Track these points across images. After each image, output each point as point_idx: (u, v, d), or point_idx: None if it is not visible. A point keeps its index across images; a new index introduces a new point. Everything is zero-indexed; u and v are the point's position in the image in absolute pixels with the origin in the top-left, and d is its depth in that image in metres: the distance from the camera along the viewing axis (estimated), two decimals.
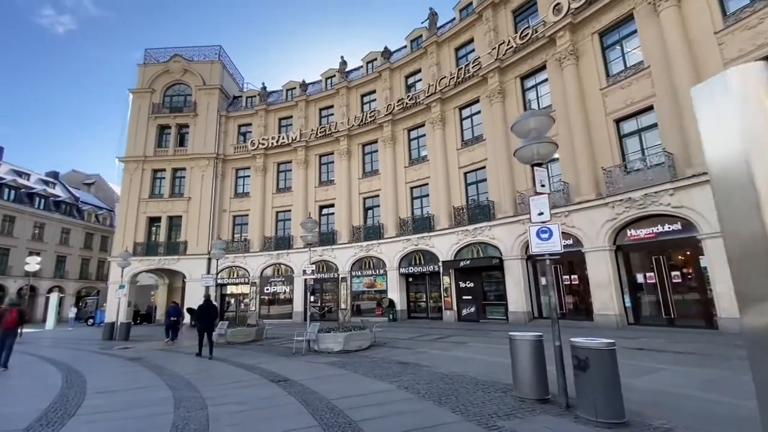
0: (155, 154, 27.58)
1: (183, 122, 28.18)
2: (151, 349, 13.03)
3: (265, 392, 6.29)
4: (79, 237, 46.22)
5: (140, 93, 28.64)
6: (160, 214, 26.73)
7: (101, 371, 8.88)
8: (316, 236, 12.50)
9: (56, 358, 10.91)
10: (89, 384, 7.15)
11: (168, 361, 10.24)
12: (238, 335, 14.33)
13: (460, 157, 19.68)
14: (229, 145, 28.03)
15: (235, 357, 10.41)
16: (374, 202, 23.62)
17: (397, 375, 7.27)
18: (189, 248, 25.78)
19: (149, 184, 27.29)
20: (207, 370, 8.71)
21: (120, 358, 10.93)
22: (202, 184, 26.74)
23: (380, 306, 21.62)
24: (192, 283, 25.24)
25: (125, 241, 25.90)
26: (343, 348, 10.76)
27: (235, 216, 27.06)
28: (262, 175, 26.70)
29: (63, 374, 8.21)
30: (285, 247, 24.98)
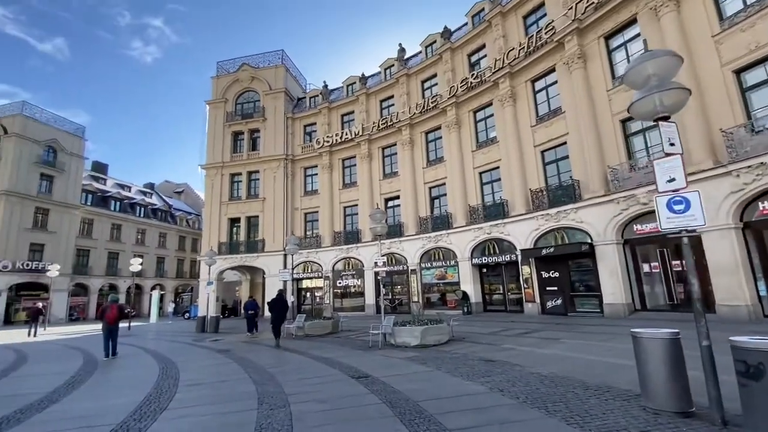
0: (231, 160, 29.50)
1: (254, 127, 29.75)
2: (237, 342, 13.70)
3: (347, 390, 5.93)
4: (173, 240, 51.72)
5: (215, 104, 30.80)
6: (240, 215, 28.57)
7: (193, 363, 9.34)
8: (385, 227, 12.07)
9: (156, 350, 11.89)
10: (182, 376, 7.44)
11: (252, 353, 10.55)
12: (316, 328, 14.52)
13: (535, 134, 17.92)
14: (297, 145, 28.97)
15: (313, 350, 10.40)
16: (440, 191, 22.69)
17: (486, 374, 6.49)
18: (266, 246, 27.19)
19: (228, 187, 29.29)
20: (287, 363, 8.71)
21: (210, 350, 11.54)
22: (275, 185, 28.00)
23: (453, 298, 20.73)
24: (270, 278, 26.59)
25: (211, 241, 28.12)
26: (421, 342, 10.20)
27: (306, 213, 27.94)
28: (328, 172, 27.17)
29: (160, 366, 8.75)
30: (354, 242, 25.16)
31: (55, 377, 7.70)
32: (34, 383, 7.29)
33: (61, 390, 6.51)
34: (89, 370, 8.62)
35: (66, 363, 9.81)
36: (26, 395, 6.19)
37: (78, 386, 6.86)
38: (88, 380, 7.44)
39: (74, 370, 8.53)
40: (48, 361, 10.32)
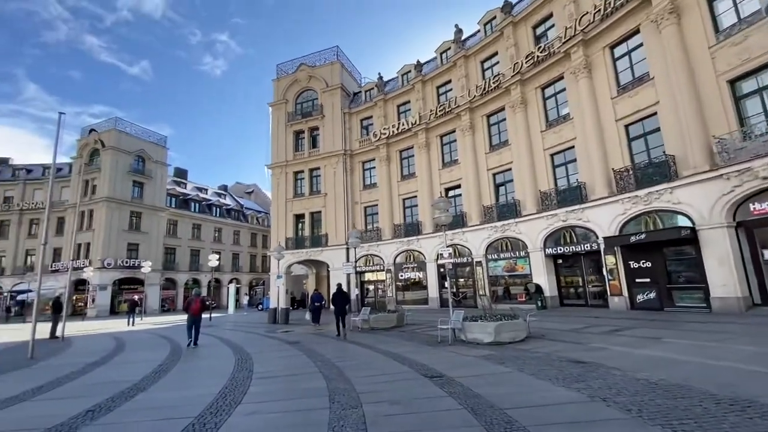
0: (294, 158, 30.51)
1: (313, 125, 30.44)
2: (306, 333, 13.96)
3: (420, 390, 5.46)
4: (246, 237, 55.38)
5: (277, 105, 32.04)
6: (303, 211, 29.51)
7: (266, 354, 9.54)
8: (450, 216, 11.39)
9: (233, 340, 12.48)
10: (255, 368, 7.54)
11: (320, 345, 10.56)
12: (381, 321, 14.32)
13: (617, 106, 15.89)
14: (354, 140, 29.11)
15: (379, 344, 10.12)
16: (506, 177, 21.26)
17: (579, 379, 5.63)
18: (329, 240, 27.78)
19: (292, 185, 30.38)
20: (355, 358, 8.50)
21: (281, 342, 11.82)
22: (335, 180, 28.44)
23: (525, 292, 19.36)
24: (334, 271, 27.13)
25: (278, 237, 29.41)
26: (495, 339, 9.43)
27: (365, 207, 28.03)
28: (386, 164, 26.92)
29: (236, 357, 9.03)
30: (414, 234, 24.67)
31: (145, 365, 8.26)
32: (127, 370, 7.86)
33: (148, 378, 6.88)
34: (174, 359, 9.17)
35: (155, 351, 10.61)
36: (119, 382, 6.61)
37: (163, 375, 7.23)
38: (173, 369, 7.85)
39: (162, 359, 9.12)
40: (141, 350, 11.26)
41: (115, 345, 12.44)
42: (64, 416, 4.72)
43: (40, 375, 7.58)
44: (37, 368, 8.47)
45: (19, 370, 8.17)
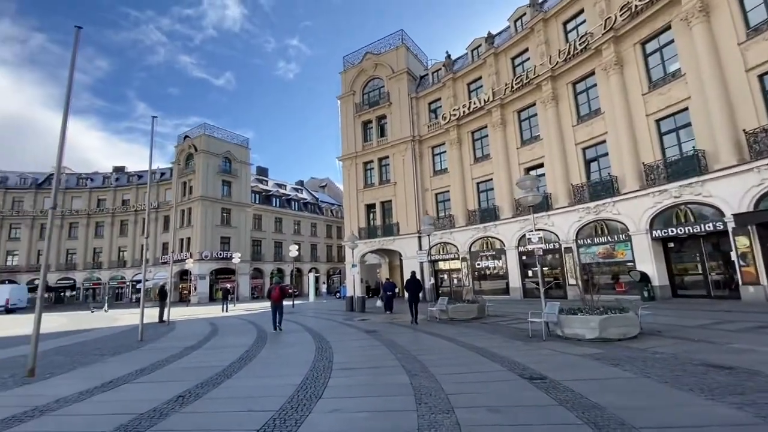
0: (363, 149, 30.59)
1: (381, 114, 30.14)
2: (382, 322, 13.71)
3: (521, 395, 4.64)
4: (322, 229, 57.82)
5: (345, 98, 32.33)
6: (374, 200, 29.53)
7: (345, 343, 9.36)
8: (538, 196, 10.09)
9: (313, 327, 12.67)
10: (335, 358, 7.31)
11: (398, 335, 10.14)
12: (460, 311, 13.49)
13: (747, 53, 12.82)
14: (422, 125, 28.18)
15: (462, 336, 9.36)
16: (598, 150, 18.75)
17: (732, 390, 4.36)
18: (401, 229, 27.44)
19: (362, 175, 30.54)
20: (438, 351, 7.88)
21: (359, 330, 11.66)
22: (404, 168, 27.89)
23: (626, 281, 16.99)
24: (407, 260, 26.77)
25: (351, 227, 29.89)
26: (599, 335, 8.11)
27: (437, 193, 27.08)
28: (457, 147, 25.60)
29: (316, 345, 8.98)
30: (491, 219, 23.13)
31: (233, 351, 8.56)
32: (217, 356, 8.19)
33: (235, 365, 7.01)
34: (259, 345, 9.43)
35: (243, 337, 11.12)
36: (209, 367, 6.82)
37: (248, 361, 7.34)
38: (257, 355, 7.99)
39: (248, 344, 9.44)
40: (231, 335, 11.93)
41: (210, 330, 13.43)
42: (157, 401, 4.82)
43: (145, 357, 8.24)
44: (143, 350, 9.29)
45: (129, 352, 9.03)
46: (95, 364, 7.72)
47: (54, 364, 7.75)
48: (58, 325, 17.55)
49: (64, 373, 6.82)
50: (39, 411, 4.60)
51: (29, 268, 47.38)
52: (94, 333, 13.67)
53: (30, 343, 6.64)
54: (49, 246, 7.67)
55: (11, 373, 6.84)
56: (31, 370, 6.60)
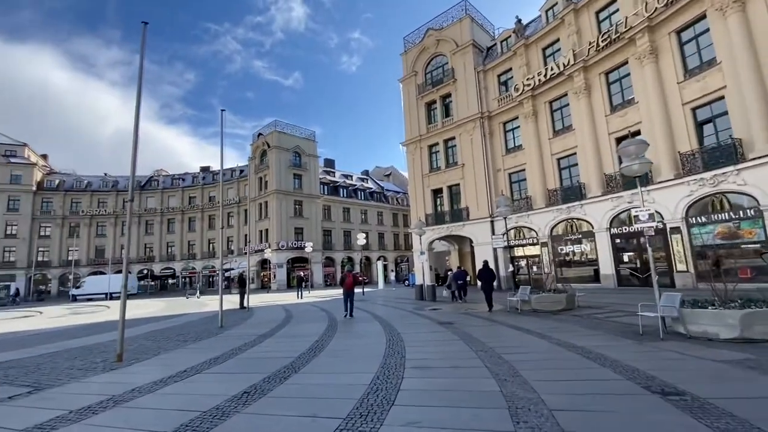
0: (428, 132, 29.35)
1: (445, 93, 28.56)
2: (456, 312, 12.77)
3: (660, 417, 3.46)
4: (389, 217, 57.88)
5: (406, 80, 31.24)
6: (441, 185, 28.27)
7: (417, 336, 8.65)
8: (646, 164, 8.23)
9: (383, 317, 12.18)
10: (408, 353, 6.61)
11: (476, 328, 9.15)
12: (545, 302, 12.01)
13: None
14: (491, 100, 26.08)
15: (552, 331, 8.08)
16: (713, 109, 15.49)
17: None
18: (471, 214, 25.90)
19: (427, 159, 29.39)
20: (527, 349, 6.78)
21: (431, 321, 10.88)
22: (473, 148, 26.16)
23: (752, 265, 13.90)
24: (478, 246, 25.27)
25: (418, 214, 29.03)
26: (740, 335, 6.37)
27: (510, 174, 24.98)
28: (532, 121, 23.20)
29: (387, 336, 8.38)
30: (575, 199, 20.63)
31: (304, 340, 8.32)
32: (287, 346, 8.00)
33: (304, 357, 6.67)
34: (329, 334, 9.12)
35: (314, 325, 10.99)
36: (278, 359, 6.55)
37: (318, 353, 6.96)
38: (327, 346, 7.61)
39: (319, 333, 9.19)
40: (303, 322, 11.92)
41: (284, 316, 13.66)
42: (222, 396, 4.54)
43: (220, 345, 8.34)
44: (220, 338, 9.52)
45: (208, 339, 9.30)
46: (176, 350, 7.97)
47: (141, 349, 8.18)
48: (156, 310, 19.52)
49: (148, 359, 7.06)
50: (113, 402, 4.57)
51: (138, 259, 54.45)
52: (183, 318, 14.76)
53: (122, 329, 6.95)
54: (129, 238, 8.07)
55: (104, 358, 7.28)
56: (119, 356, 6.92)
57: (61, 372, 6.27)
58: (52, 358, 7.48)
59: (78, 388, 5.26)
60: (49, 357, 7.67)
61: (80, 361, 7.09)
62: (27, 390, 5.21)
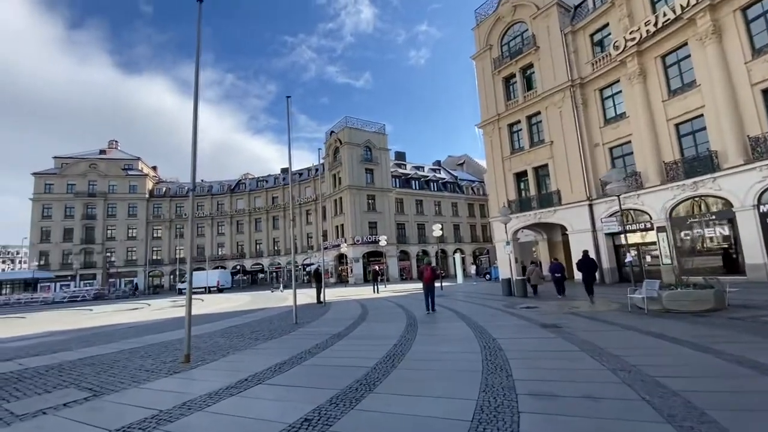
0: (506, 109, 26.54)
1: (525, 63, 25.48)
2: (558, 312, 10.64)
3: None
4: (464, 208, 55.19)
5: (480, 56, 28.65)
6: (525, 167, 25.34)
7: (520, 343, 6.94)
8: None
9: (469, 315, 10.56)
10: (515, 371, 4.98)
11: (596, 334, 7.13)
12: (682, 300, 9.34)
13: None
14: (583, 64, 22.46)
15: (714, 342, 5.79)
16: None
17: None
18: (563, 197, 22.70)
19: (508, 140, 26.60)
20: (688, 365, 4.74)
21: (531, 323, 9.00)
22: (562, 122, 22.86)
23: None
24: (574, 234, 22.05)
25: (499, 201, 26.48)
26: None
27: (611, 148, 21.24)
28: (639, 82, 19.32)
29: (480, 343, 6.82)
30: (704, 172, 16.60)
31: (380, 344, 7.16)
32: (361, 350, 6.88)
33: (380, 368, 5.47)
34: (409, 336, 7.86)
35: (391, 324, 9.83)
36: (350, 369, 5.44)
37: (396, 363, 5.71)
38: (408, 353, 6.34)
39: (397, 335, 7.97)
40: (379, 321, 10.84)
41: (360, 313, 12.78)
42: (277, 424, 3.48)
43: (291, 345, 7.57)
44: (292, 336, 8.81)
45: (280, 338, 8.65)
46: (246, 350, 7.36)
47: (213, 348, 7.74)
48: (241, 304, 20.25)
49: (214, 361, 6.48)
50: (155, 421, 3.79)
51: (231, 256, 59.44)
52: (262, 313, 14.74)
53: (189, 331, 6.46)
54: (192, 237, 7.63)
55: (175, 357, 6.89)
56: (186, 356, 6.43)
57: (128, 373, 5.92)
58: (129, 356, 7.36)
59: (132, 397, 4.68)
60: (127, 354, 7.58)
61: (152, 360, 6.78)
62: (85, 396, 4.77)
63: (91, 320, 16.80)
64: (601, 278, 20.38)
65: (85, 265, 55.38)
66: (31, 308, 31.87)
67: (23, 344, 9.85)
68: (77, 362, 6.93)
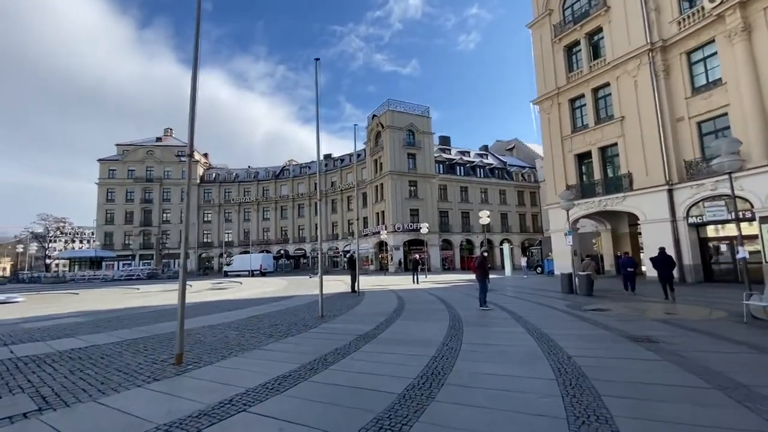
0: (568, 82, 23.45)
1: (592, 28, 22.17)
2: (643, 319, 8.46)
3: None
4: (513, 196, 51.66)
5: (538, 23, 25.55)
6: (588, 147, 22.28)
7: (611, 368, 5.04)
8: None
9: (525, 317, 8.68)
10: (618, 421, 3.22)
11: (716, 357, 5.07)
12: None
13: None
14: (667, 23, 18.93)
15: None
16: None
17: None
18: (636, 182, 19.59)
19: (569, 117, 23.57)
20: None
21: (612, 333, 7.00)
22: (637, 94, 19.58)
23: None
24: (648, 225, 19.01)
25: (556, 186, 23.68)
26: None
27: (699, 122, 17.80)
28: (742, 40, 15.75)
29: (549, 361, 5.04)
30: None
31: (416, 353, 5.63)
32: (390, 364, 5.32)
33: (414, 394, 3.94)
34: (453, 344, 6.23)
35: (430, 324, 8.24)
36: (371, 393, 3.98)
37: (437, 387, 4.15)
38: (452, 372, 4.74)
39: (437, 342, 6.38)
40: (416, 318, 9.28)
41: (395, 306, 11.31)
42: None
43: (306, 348, 6.25)
44: (312, 334, 7.52)
45: (298, 335, 7.37)
46: (253, 350, 6.14)
47: (218, 344, 6.63)
48: (275, 290, 19.59)
49: (209, 365, 5.29)
50: None
51: (276, 240, 60.57)
52: (290, 302, 13.75)
53: (181, 326, 5.32)
54: (188, 224, 6.45)
55: (171, 354, 5.81)
56: (178, 357, 5.30)
57: (104, 375, 4.89)
58: (124, 349, 6.45)
59: (74, 419, 3.53)
60: (124, 346, 6.70)
61: (143, 357, 5.78)
62: (27, 410, 3.71)
63: (129, 300, 16.87)
64: (681, 276, 17.35)
65: (144, 246, 59.00)
66: (91, 285, 34.03)
67: (41, 325, 9.48)
68: (65, 354, 6.11)
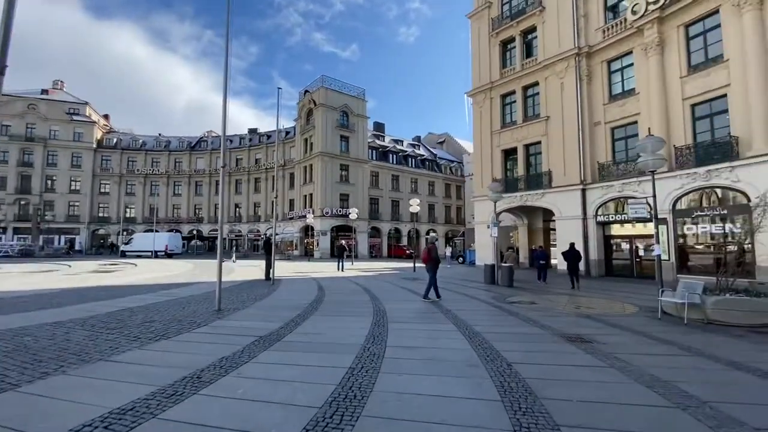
0: (501, 77, 23.79)
1: (527, 26, 22.60)
2: (569, 314, 8.28)
3: None
4: (440, 188, 52.85)
5: (477, 14, 25.48)
6: (515, 144, 22.91)
7: (558, 379, 4.33)
8: None
9: (454, 311, 7.97)
10: None
11: (653, 360, 4.69)
12: (734, 310, 7.17)
13: None
14: (593, 31, 19.88)
15: None
16: None
17: None
18: (555, 180, 20.53)
19: (499, 112, 23.99)
20: None
21: (545, 330, 6.53)
22: (562, 96, 20.40)
23: None
24: (562, 221, 20.08)
25: (482, 180, 24.10)
26: None
27: (613, 128, 19.07)
28: (656, 54, 16.99)
29: (491, 374, 4.17)
30: (721, 159, 14.67)
31: (324, 369, 4.38)
32: (287, 385, 4.04)
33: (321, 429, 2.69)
34: (375, 351, 5.13)
35: (351, 321, 7.10)
36: None
37: (347, 427, 2.95)
38: (367, 403, 3.61)
39: (356, 347, 5.24)
40: (336, 313, 8.06)
41: (313, 298, 9.96)
42: None
43: (178, 358, 4.66)
44: (198, 335, 5.90)
45: (176, 337, 5.64)
46: (95, 363, 4.37)
47: (49, 352, 4.70)
48: (175, 274, 16.92)
49: (5, 393, 3.48)
50: None
51: (188, 219, 54.64)
52: (186, 289, 11.60)
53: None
54: None
55: None
56: None
57: None
58: None
59: None
60: None
61: None
62: None
63: None
64: (587, 270, 18.64)
65: (20, 219, 48.98)
66: None
67: None
68: None
